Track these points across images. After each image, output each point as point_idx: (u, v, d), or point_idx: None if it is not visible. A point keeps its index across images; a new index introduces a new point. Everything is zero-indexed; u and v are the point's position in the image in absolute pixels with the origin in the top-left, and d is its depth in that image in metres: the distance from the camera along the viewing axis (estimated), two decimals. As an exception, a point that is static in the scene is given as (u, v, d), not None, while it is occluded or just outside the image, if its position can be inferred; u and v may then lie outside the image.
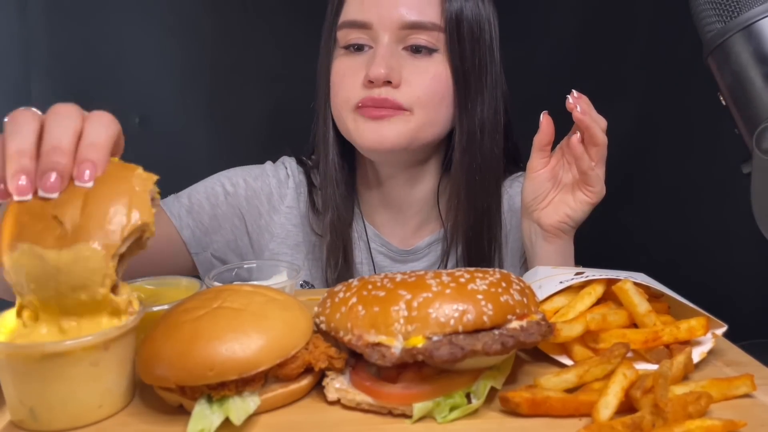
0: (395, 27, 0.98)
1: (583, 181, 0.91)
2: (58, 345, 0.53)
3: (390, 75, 0.97)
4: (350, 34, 1.01)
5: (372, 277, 0.62)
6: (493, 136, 1.06)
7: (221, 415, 0.54)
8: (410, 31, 0.98)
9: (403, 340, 0.55)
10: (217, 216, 1.10)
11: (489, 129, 1.05)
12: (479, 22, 1.02)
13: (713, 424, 0.51)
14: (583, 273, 0.72)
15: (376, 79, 0.97)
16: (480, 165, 1.05)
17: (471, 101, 1.03)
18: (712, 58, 0.72)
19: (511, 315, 0.58)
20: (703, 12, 0.71)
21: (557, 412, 0.55)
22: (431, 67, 1.00)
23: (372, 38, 1.00)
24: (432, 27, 0.98)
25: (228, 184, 1.12)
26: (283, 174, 1.17)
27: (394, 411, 0.57)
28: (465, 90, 1.02)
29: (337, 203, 1.09)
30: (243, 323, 0.56)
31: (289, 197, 1.15)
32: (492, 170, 1.07)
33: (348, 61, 1.02)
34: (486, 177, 1.06)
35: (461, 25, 1.00)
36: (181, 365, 0.54)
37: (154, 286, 0.75)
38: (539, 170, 0.94)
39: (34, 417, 0.55)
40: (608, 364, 0.59)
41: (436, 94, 1.00)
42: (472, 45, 1.01)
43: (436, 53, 1.00)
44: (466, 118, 1.03)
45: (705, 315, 0.66)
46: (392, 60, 0.98)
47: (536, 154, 0.94)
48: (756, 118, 0.69)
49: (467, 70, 1.01)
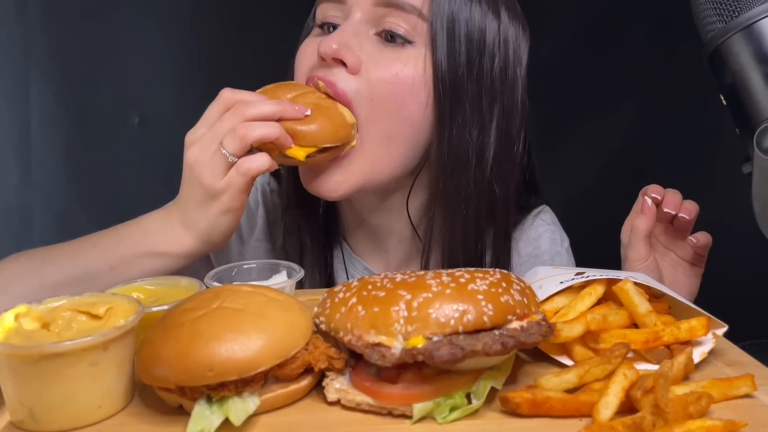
0: (370, 1, 0.85)
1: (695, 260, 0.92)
2: (58, 345, 0.53)
3: (342, 53, 0.83)
4: (327, 10, 0.89)
5: (372, 278, 0.62)
6: (501, 174, 0.90)
7: (221, 415, 0.54)
8: (386, 11, 0.84)
9: (403, 340, 0.55)
10: None
11: (493, 164, 0.89)
12: (482, 32, 0.87)
13: (714, 425, 0.51)
14: (584, 273, 0.72)
15: (325, 54, 0.83)
16: (472, 198, 0.89)
17: (462, 117, 0.86)
18: (713, 58, 0.72)
19: (512, 315, 0.57)
20: (704, 12, 0.71)
21: (558, 413, 0.55)
22: (399, 61, 0.84)
23: (345, 15, 0.87)
24: (411, 9, 0.84)
25: None
26: (253, 199, 1.05)
27: (394, 411, 0.57)
28: (453, 101, 0.85)
29: (299, 237, 0.99)
30: (242, 323, 0.56)
31: (258, 228, 1.05)
32: (494, 210, 0.92)
33: (313, 38, 0.90)
34: (483, 215, 0.91)
35: (455, 23, 0.85)
36: (181, 366, 0.54)
37: (154, 287, 0.75)
38: (647, 260, 0.89)
39: (34, 417, 0.55)
40: (609, 365, 0.59)
41: (398, 91, 0.84)
42: (470, 52, 0.86)
43: (411, 46, 0.85)
44: (452, 136, 0.86)
45: (706, 315, 0.66)
46: (353, 39, 0.84)
47: (642, 243, 0.89)
48: (756, 118, 0.69)
49: (460, 77, 0.85)
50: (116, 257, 0.83)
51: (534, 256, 1.04)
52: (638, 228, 0.89)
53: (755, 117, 0.69)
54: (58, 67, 1.66)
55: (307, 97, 0.84)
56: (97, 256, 0.84)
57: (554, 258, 1.05)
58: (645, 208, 0.88)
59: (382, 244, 1.02)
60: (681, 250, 0.93)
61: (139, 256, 0.82)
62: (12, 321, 0.58)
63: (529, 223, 1.06)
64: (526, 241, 1.05)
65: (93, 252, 0.85)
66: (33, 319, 0.59)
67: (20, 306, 0.60)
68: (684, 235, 0.92)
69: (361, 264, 1.04)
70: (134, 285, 0.75)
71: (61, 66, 1.66)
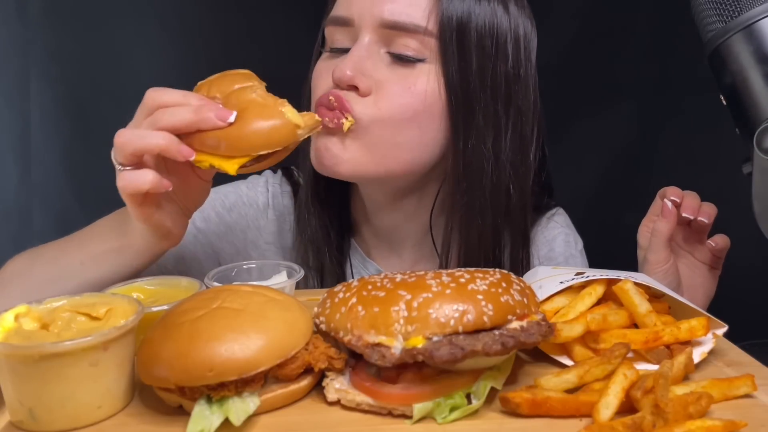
0: (376, 25, 0.85)
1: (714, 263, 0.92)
2: (57, 345, 0.53)
3: (357, 79, 0.83)
4: (335, 33, 0.90)
5: (372, 278, 0.62)
6: (516, 178, 0.90)
7: (221, 415, 0.54)
8: (394, 33, 0.85)
9: (403, 340, 0.55)
10: (185, 257, 0.99)
11: (509, 169, 0.89)
12: (496, 34, 0.86)
13: (714, 425, 0.51)
14: (584, 273, 0.72)
15: (339, 81, 0.84)
16: (488, 207, 0.89)
17: (476, 129, 0.86)
18: (713, 58, 0.72)
19: (512, 315, 0.57)
20: (704, 12, 0.71)
21: (557, 413, 0.55)
22: (410, 78, 0.85)
23: (354, 38, 0.87)
24: (416, 29, 0.84)
25: (198, 219, 1.00)
26: (263, 201, 1.05)
27: (394, 411, 0.57)
28: (465, 113, 0.86)
29: (312, 239, 0.98)
30: (242, 324, 0.56)
31: (268, 231, 1.04)
32: (512, 217, 0.91)
33: (327, 62, 0.91)
34: (500, 223, 0.91)
35: (465, 32, 0.84)
36: (181, 366, 0.54)
37: (154, 287, 0.75)
38: (668, 263, 0.88)
39: (34, 417, 0.55)
40: (609, 365, 0.59)
41: (405, 110, 0.84)
42: (482, 60, 0.85)
43: (421, 63, 0.85)
44: (465, 148, 0.87)
45: (705, 315, 0.66)
46: (366, 63, 0.85)
47: (663, 246, 0.88)
48: (756, 118, 0.69)
49: (472, 89, 0.85)
50: (86, 252, 0.81)
51: (549, 258, 1.04)
52: (660, 231, 0.88)
53: (755, 117, 0.69)
54: (58, 67, 1.65)
55: (245, 94, 0.74)
56: (72, 252, 0.83)
57: (568, 260, 1.05)
58: (666, 211, 0.87)
59: (396, 248, 1.02)
60: (699, 252, 0.93)
61: (105, 251, 0.80)
62: (12, 321, 0.58)
63: (543, 224, 1.06)
64: (541, 243, 1.04)
65: (69, 247, 0.84)
66: (33, 319, 0.59)
67: (20, 306, 0.60)
68: (702, 237, 0.92)
69: (374, 266, 1.03)
70: (134, 285, 0.75)
71: (61, 66, 1.66)
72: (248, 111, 0.71)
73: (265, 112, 0.72)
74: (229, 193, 1.05)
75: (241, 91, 0.74)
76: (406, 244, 1.01)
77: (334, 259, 0.99)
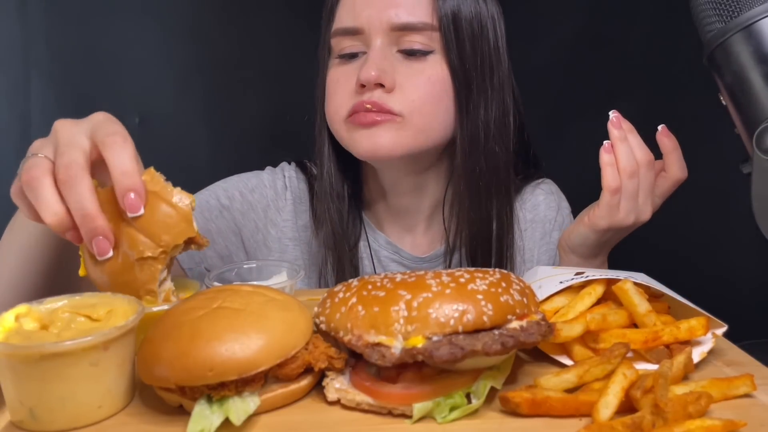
0: (386, 29, 0.96)
1: None
2: (58, 345, 0.53)
3: (382, 77, 0.94)
4: (343, 42, 1.00)
5: (372, 277, 0.62)
6: (501, 139, 1.02)
7: (221, 415, 0.54)
8: (402, 33, 0.96)
9: (403, 340, 0.55)
10: (211, 231, 1.07)
11: (495, 132, 1.01)
12: (480, 20, 0.99)
13: (713, 424, 0.51)
14: (583, 273, 0.72)
15: (367, 81, 0.94)
16: (485, 170, 1.01)
17: (473, 103, 0.99)
18: (712, 58, 0.72)
19: (511, 315, 0.58)
20: (703, 12, 0.71)
21: (557, 412, 0.55)
22: (426, 69, 0.97)
23: (365, 43, 0.98)
24: (424, 27, 0.96)
25: (223, 197, 1.10)
26: (281, 185, 1.15)
27: (394, 411, 0.57)
28: (466, 91, 0.99)
29: (332, 218, 1.06)
30: (243, 323, 0.56)
31: (287, 210, 1.13)
32: (500, 176, 1.03)
33: (342, 69, 1.00)
34: (492, 182, 1.02)
35: (459, 23, 0.97)
36: (181, 365, 0.54)
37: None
38: None
39: (34, 417, 0.55)
40: (608, 364, 0.59)
41: (431, 98, 0.97)
42: (473, 44, 0.98)
43: (431, 55, 0.97)
44: (468, 122, 1.00)
45: (705, 315, 0.66)
46: (385, 62, 0.96)
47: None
48: (756, 118, 0.69)
49: (468, 70, 0.98)
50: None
51: (534, 221, 1.13)
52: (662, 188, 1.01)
53: (755, 117, 0.69)
54: (58, 67, 1.66)
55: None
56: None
57: (553, 223, 1.13)
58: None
59: (408, 221, 1.12)
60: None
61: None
62: (12, 321, 0.58)
63: (529, 191, 1.15)
64: (527, 209, 1.13)
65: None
66: (33, 319, 0.59)
67: (20, 306, 0.60)
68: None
69: (383, 237, 1.12)
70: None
71: (61, 66, 1.66)
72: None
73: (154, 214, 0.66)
74: (251, 177, 1.15)
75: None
76: (418, 217, 1.12)
77: (348, 227, 1.09)
